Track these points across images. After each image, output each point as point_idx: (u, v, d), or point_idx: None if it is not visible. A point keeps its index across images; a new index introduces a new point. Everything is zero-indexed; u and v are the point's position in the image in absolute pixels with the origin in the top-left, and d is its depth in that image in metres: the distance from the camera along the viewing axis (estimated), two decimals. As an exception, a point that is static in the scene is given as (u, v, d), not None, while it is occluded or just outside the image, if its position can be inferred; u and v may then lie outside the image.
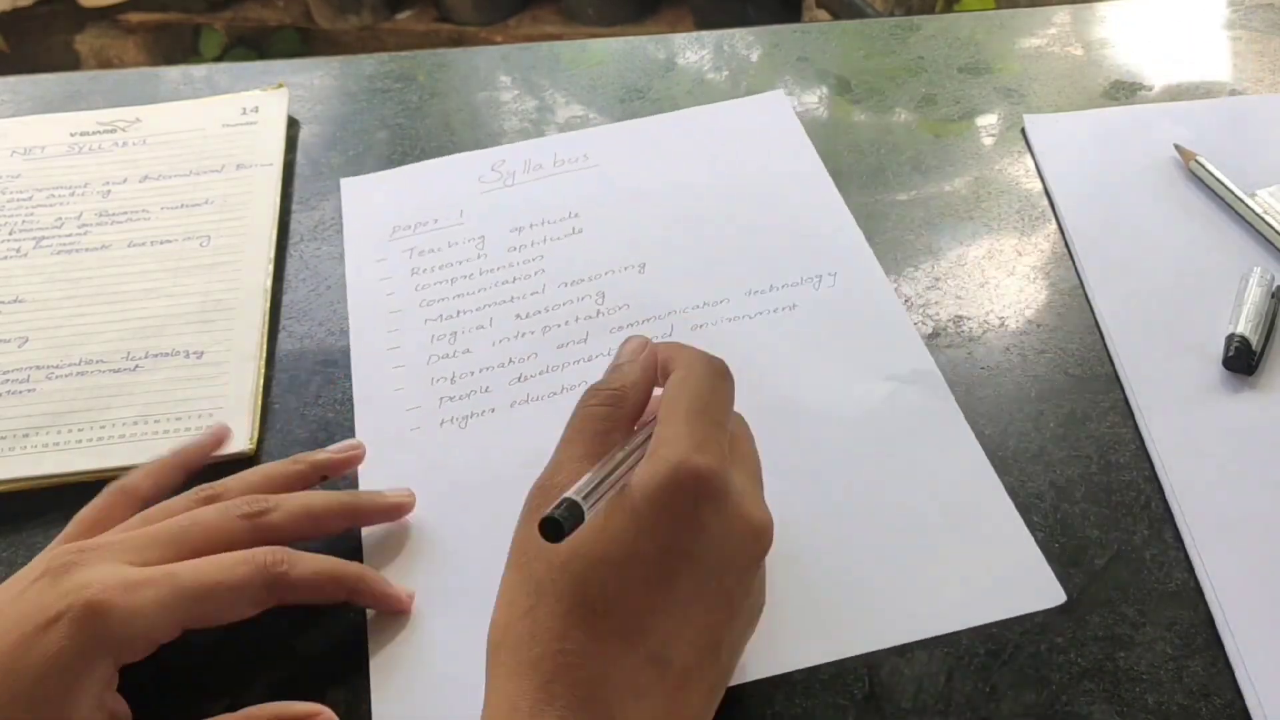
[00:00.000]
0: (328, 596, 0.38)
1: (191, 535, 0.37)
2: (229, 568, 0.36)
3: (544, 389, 0.48)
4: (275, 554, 0.37)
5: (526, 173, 0.59)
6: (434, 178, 0.60)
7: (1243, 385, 0.46)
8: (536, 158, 0.60)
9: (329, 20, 1.90)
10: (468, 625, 0.36)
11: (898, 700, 0.37)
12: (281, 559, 0.37)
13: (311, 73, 0.68)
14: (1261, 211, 0.52)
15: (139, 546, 0.36)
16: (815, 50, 0.68)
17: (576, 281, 0.53)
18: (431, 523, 0.43)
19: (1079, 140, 0.59)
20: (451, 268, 0.54)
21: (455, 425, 0.47)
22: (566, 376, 0.48)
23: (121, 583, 0.34)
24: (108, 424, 0.47)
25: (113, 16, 1.89)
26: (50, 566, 0.35)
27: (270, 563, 0.36)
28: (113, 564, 0.35)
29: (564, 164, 0.60)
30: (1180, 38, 0.68)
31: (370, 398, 0.48)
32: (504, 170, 0.60)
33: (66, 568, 0.35)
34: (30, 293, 0.53)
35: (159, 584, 0.35)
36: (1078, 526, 0.41)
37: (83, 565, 0.35)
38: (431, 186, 0.59)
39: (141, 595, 0.34)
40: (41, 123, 0.64)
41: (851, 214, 0.55)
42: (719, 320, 0.50)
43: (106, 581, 0.34)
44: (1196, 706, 0.36)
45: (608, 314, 0.51)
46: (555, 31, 1.86)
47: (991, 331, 0.49)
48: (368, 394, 0.48)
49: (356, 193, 0.59)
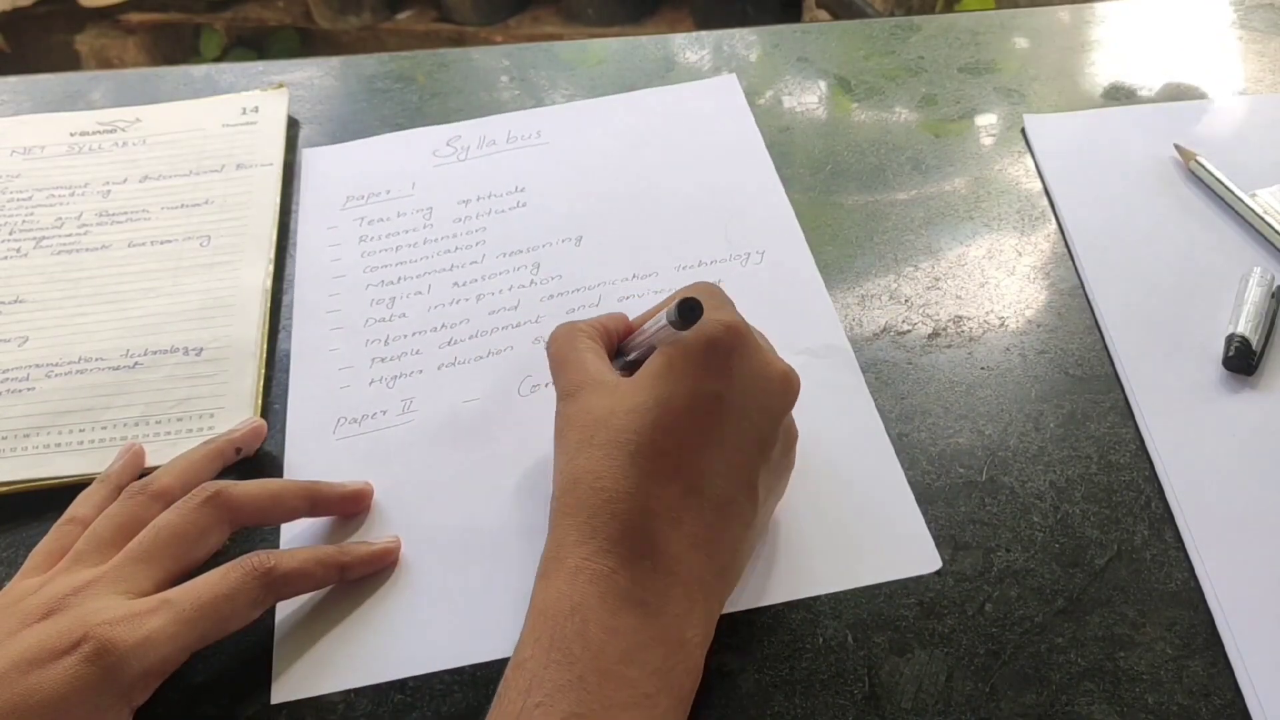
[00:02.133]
0: (321, 582, 0.40)
1: (165, 540, 0.38)
2: (220, 579, 0.36)
3: (471, 353, 0.50)
4: (259, 555, 0.37)
5: (480, 148, 0.62)
6: (392, 151, 0.62)
7: (1243, 385, 0.46)
8: (491, 134, 0.63)
9: (329, 20, 1.90)
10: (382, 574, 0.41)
11: (898, 700, 0.37)
12: (267, 557, 0.37)
13: (311, 73, 0.68)
14: (1261, 211, 0.52)
15: (126, 574, 0.37)
16: (815, 50, 0.68)
17: (515, 252, 0.55)
18: (355, 476, 0.44)
19: (1079, 140, 0.59)
20: (397, 236, 0.56)
21: (383, 384, 0.48)
22: (494, 341, 0.50)
23: (125, 616, 0.34)
24: (108, 424, 0.47)
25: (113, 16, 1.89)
26: (48, 607, 0.35)
27: (258, 563, 0.37)
28: (111, 596, 0.35)
29: (517, 140, 0.62)
30: (1180, 38, 0.68)
31: (304, 354, 0.50)
32: (459, 145, 0.62)
33: (65, 607, 0.35)
34: (30, 293, 0.53)
35: (159, 613, 0.35)
36: (1078, 526, 0.41)
37: (81, 603, 0.35)
38: (388, 159, 0.61)
39: (146, 627, 0.34)
40: (41, 123, 0.64)
41: (786, 195, 0.57)
42: (646, 293, 0.52)
43: (110, 616, 0.34)
44: (1196, 706, 0.36)
45: (540, 284, 0.53)
46: (555, 31, 1.86)
47: (991, 331, 0.49)
48: (302, 351, 0.50)
49: (316, 163, 0.61)
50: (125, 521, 0.39)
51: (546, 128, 0.63)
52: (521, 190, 0.58)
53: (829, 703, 0.37)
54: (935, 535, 0.41)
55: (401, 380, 0.48)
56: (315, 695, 0.38)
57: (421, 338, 0.50)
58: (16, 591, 0.37)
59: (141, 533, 0.38)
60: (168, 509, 0.39)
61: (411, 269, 0.54)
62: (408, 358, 0.50)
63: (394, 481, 0.44)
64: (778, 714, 0.37)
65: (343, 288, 0.53)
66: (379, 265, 0.54)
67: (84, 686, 0.33)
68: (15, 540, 0.43)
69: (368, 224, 0.57)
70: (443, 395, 0.48)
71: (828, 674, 0.38)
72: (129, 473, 0.44)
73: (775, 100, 0.64)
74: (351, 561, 0.40)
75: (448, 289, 0.53)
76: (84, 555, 0.38)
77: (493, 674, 0.38)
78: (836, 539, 0.42)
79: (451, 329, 0.51)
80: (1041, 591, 0.40)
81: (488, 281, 0.53)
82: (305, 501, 0.42)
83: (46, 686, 0.33)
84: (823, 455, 0.44)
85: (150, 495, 0.40)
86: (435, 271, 0.54)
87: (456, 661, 0.38)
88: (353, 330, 0.51)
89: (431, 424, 0.46)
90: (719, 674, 0.38)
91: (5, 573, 0.42)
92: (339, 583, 0.40)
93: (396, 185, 0.59)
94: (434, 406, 0.47)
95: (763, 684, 0.37)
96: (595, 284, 0.53)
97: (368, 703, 0.37)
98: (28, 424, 0.47)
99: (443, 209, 0.58)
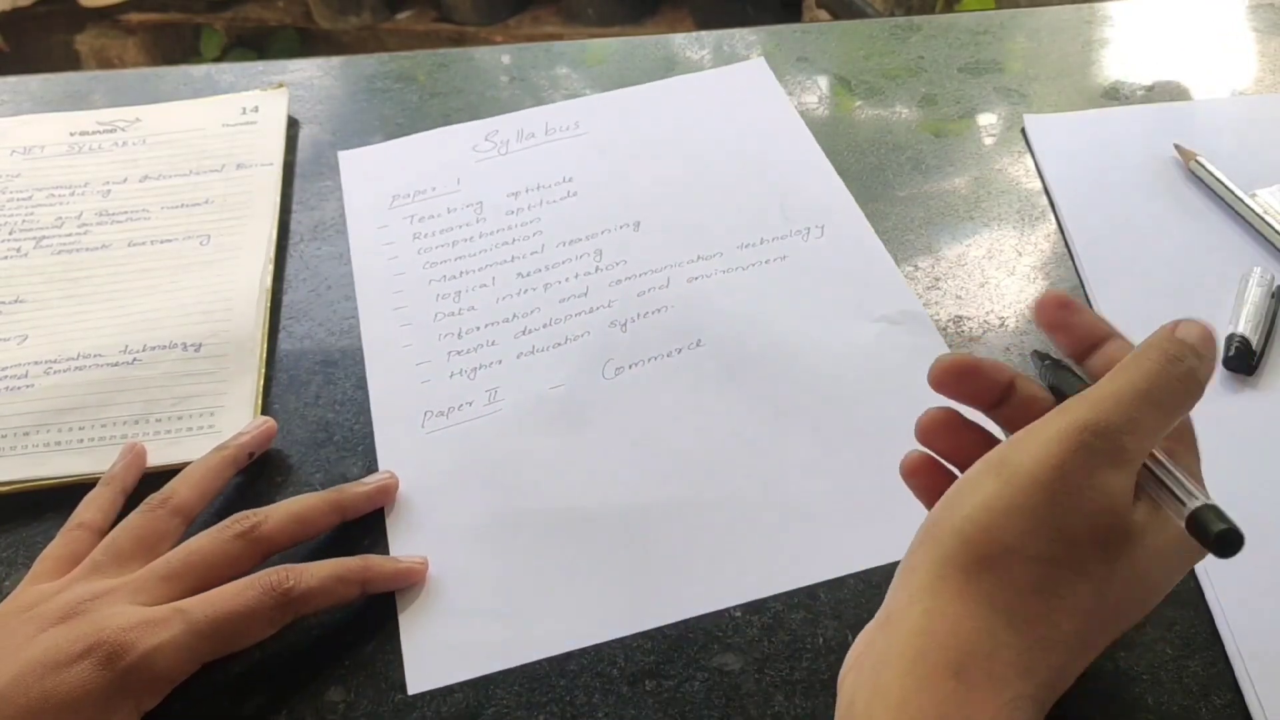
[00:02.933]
0: (342, 598, 0.39)
1: (192, 564, 0.38)
2: (237, 594, 0.36)
3: (548, 340, 0.50)
4: (279, 572, 0.37)
5: (519, 141, 0.62)
6: (429, 149, 0.62)
7: (1243, 385, 0.46)
8: (529, 127, 0.63)
9: (329, 20, 1.90)
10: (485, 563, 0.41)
11: (898, 700, 0.37)
12: (286, 575, 0.37)
13: (311, 73, 0.68)
14: (1261, 211, 0.52)
15: (147, 586, 0.37)
16: (815, 50, 0.68)
17: (574, 241, 0.55)
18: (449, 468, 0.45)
19: (1079, 140, 0.59)
20: (452, 231, 0.56)
21: (465, 376, 0.49)
22: (570, 328, 0.50)
23: (140, 622, 0.35)
24: (108, 423, 0.47)
25: (113, 16, 1.89)
26: (65, 613, 0.35)
27: (276, 581, 0.37)
28: (127, 605, 0.36)
29: (555, 132, 0.62)
30: (1180, 38, 0.68)
31: (380, 353, 0.50)
32: (497, 140, 0.62)
33: (82, 612, 0.35)
34: (30, 292, 0.53)
35: (173, 622, 0.35)
36: (1078, 526, 0.41)
37: (97, 609, 0.35)
38: (427, 157, 0.61)
39: (159, 635, 0.34)
40: (41, 123, 0.64)
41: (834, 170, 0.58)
42: (714, 273, 0.53)
43: (124, 623, 0.34)
44: (1196, 706, 0.36)
45: (606, 270, 0.53)
46: (555, 31, 1.86)
47: (991, 331, 0.49)
48: (375, 349, 0.50)
49: (355, 165, 0.61)
50: (145, 535, 0.39)
51: (584, 119, 0.63)
52: (569, 180, 0.59)
53: (829, 703, 0.37)
54: (935, 535, 0.41)
55: (482, 371, 0.49)
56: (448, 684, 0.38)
57: (495, 329, 0.51)
58: (31, 596, 0.37)
59: (171, 551, 0.38)
60: (202, 535, 0.39)
61: (472, 263, 0.54)
62: (484, 349, 0.50)
63: (491, 469, 0.45)
64: (778, 714, 0.37)
65: (405, 285, 0.53)
66: (438, 261, 0.55)
67: (97, 690, 0.33)
68: (15, 540, 0.43)
69: (419, 221, 0.57)
70: (527, 383, 0.48)
71: (828, 674, 0.37)
72: (131, 474, 0.44)
73: (775, 100, 0.64)
74: (375, 577, 0.40)
75: (513, 280, 0.53)
76: (102, 566, 0.38)
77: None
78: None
79: (524, 318, 0.51)
80: (1041, 591, 0.39)
81: (552, 271, 0.53)
82: (335, 515, 0.42)
83: (62, 690, 0.33)
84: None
85: (170, 510, 0.40)
86: (497, 264, 0.54)
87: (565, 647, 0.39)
88: (422, 325, 0.51)
89: (520, 411, 0.47)
90: (719, 674, 0.38)
91: (4, 573, 0.42)
92: (361, 598, 0.40)
93: (441, 182, 0.59)
94: (520, 394, 0.47)
95: (763, 684, 0.37)
96: (661, 266, 0.53)
97: (368, 703, 0.37)
98: (27, 422, 0.47)
99: (493, 202, 0.58)
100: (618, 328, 0.50)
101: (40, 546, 0.42)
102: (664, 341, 0.49)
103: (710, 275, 0.52)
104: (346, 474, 0.45)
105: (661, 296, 0.51)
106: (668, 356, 0.49)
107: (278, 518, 0.40)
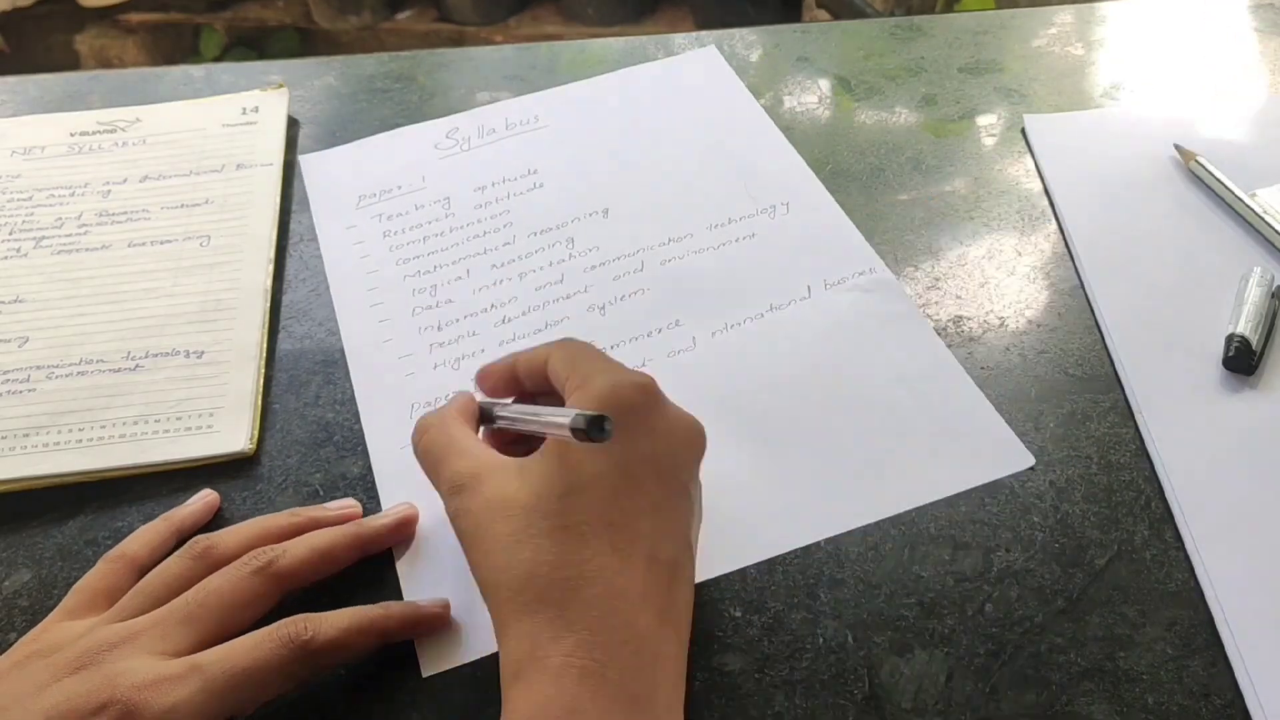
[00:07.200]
0: (360, 652, 0.37)
1: (210, 605, 0.36)
2: (255, 647, 0.35)
3: (528, 327, 0.51)
4: (296, 624, 0.36)
5: (480, 137, 0.62)
6: (391, 149, 0.62)
7: (1243, 385, 0.46)
8: (489, 123, 0.63)
9: (329, 20, 1.90)
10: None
11: (898, 700, 0.37)
12: (304, 627, 0.36)
13: (311, 73, 0.68)
14: (1261, 211, 0.52)
15: (164, 632, 0.35)
16: (815, 50, 0.68)
17: (545, 230, 0.56)
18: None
19: (1079, 140, 0.59)
20: (422, 228, 0.57)
21: (449, 367, 0.49)
22: (549, 314, 0.51)
23: (155, 680, 0.33)
24: (108, 423, 0.47)
25: (113, 16, 1.89)
26: (81, 661, 0.34)
27: (294, 634, 0.35)
28: (144, 657, 0.35)
29: (515, 127, 0.63)
30: (1180, 37, 0.68)
31: (361, 350, 0.50)
32: (458, 137, 0.62)
33: (97, 663, 0.34)
34: (30, 293, 0.53)
35: (188, 680, 0.34)
36: (1078, 526, 0.41)
37: (113, 662, 0.34)
38: (390, 157, 0.62)
39: (173, 694, 0.33)
40: (41, 123, 0.64)
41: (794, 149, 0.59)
42: (686, 254, 0.54)
43: (138, 680, 0.33)
44: (1196, 706, 0.36)
45: (579, 256, 0.54)
46: (555, 31, 1.86)
47: (991, 331, 0.49)
48: (356, 347, 0.50)
49: (317, 167, 0.61)
50: (181, 587, 0.38)
51: (543, 112, 0.64)
52: (534, 172, 0.59)
53: (829, 703, 0.37)
54: (934, 535, 0.41)
55: (466, 361, 0.49)
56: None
57: (474, 319, 0.51)
58: (55, 637, 0.36)
59: (189, 592, 0.37)
60: (218, 573, 0.37)
61: (445, 256, 0.55)
62: (466, 339, 0.50)
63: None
64: (778, 714, 0.37)
65: (379, 282, 0.54)
66: (411, 257, 0.55)
67: None
68: (15, 540, 0.43)
69: (388, 219, 0.57)
70: None
71: (828, 674, 0.38)
72: (193, 520, 0.42)
73: (775, 100, 0.64)
74: (395, 628, 0.38)
75: (487, 271, 0.54)
76: (128, 611, 0.37)
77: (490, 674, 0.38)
78: (927, 454, 0.44)
79: (503, 307, 0.52)
80: (1041, 592, 0.40)
81: (525, 260, 0.54)
82: (355, 551, 0.41)
83: None
84: (895, 382, 0.47)
85: (211, 563, 0.38)
86: (470, 256, 0.55)
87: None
88: (401, 320, 0.52)
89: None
90: (719, 674, 0.38)
91: (3, 573, 0.42)
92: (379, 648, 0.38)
93: (406, 180, 0.60)
94: None
95: (763, 684, 0.37)
96: (634, 251, 0.54)
97: (370, 699, 0.37)
98: (27, 424, 0.47)
99: (460, 197, 0.58)
100: (596, 311, 0.51)
101: (40, 546, 0.42)
102: (643, 323, 0.50)
103: (683, 257, 0.53)
104: (346, 474, 0.45)
105: (637, 280, 0.52)
106: (648, 337, 0.50)
107: (296, 552, 0.38)
